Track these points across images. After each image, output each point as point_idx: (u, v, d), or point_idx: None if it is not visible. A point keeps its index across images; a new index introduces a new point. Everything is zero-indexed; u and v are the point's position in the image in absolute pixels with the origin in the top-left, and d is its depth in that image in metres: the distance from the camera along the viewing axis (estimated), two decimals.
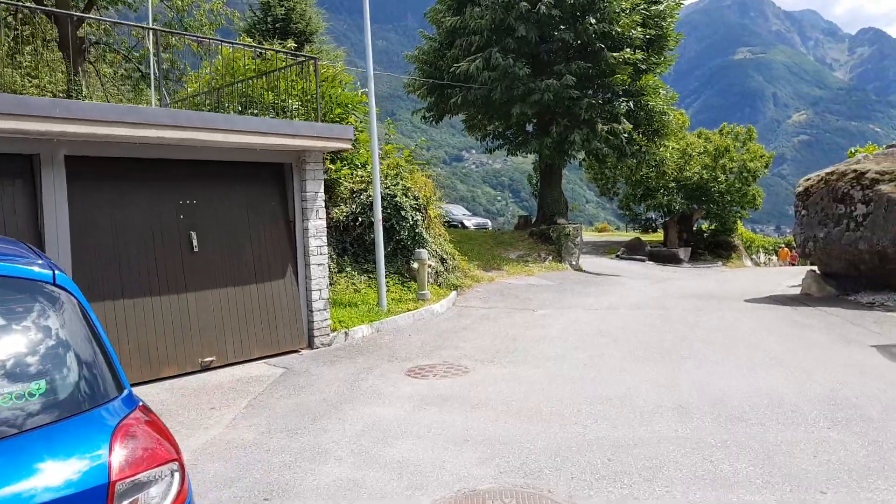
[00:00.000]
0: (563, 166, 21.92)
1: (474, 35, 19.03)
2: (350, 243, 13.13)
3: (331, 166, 13.07)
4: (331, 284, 12.59)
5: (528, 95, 18.78)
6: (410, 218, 13.22)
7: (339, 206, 13.27)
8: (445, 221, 32.58)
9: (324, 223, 9.19)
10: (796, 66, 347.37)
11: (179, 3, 21.00)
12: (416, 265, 12.13)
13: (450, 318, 11.32)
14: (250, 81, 10.40)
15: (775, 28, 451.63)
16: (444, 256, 14.22)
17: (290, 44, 26.67)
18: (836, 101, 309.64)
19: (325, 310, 9.19)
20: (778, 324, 10.30)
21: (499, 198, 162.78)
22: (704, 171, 28.36)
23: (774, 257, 38.07)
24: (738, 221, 31.93)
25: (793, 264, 37.56)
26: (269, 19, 27.24)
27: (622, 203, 31.98)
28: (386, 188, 13.46)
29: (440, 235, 14.69)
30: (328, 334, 9.21)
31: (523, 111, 18.93)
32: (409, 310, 11.30)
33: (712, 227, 31.10)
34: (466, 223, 34.39)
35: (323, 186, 9.18)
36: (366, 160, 14.46)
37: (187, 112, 7.64)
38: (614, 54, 18.92)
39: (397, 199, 13.23)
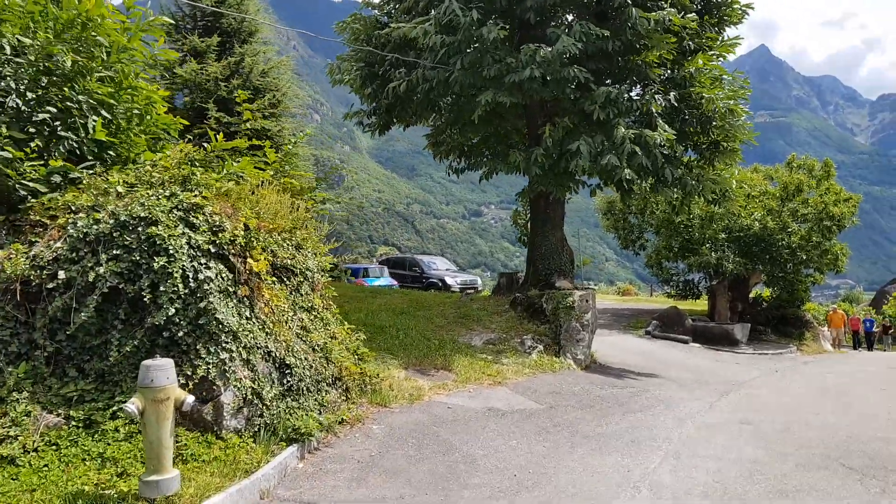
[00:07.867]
0: (564, 196, 13.99)
1: None
2: (48, 333, 5.48)
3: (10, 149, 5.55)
4: None
5: (503, 76, 11.30)
6: (192, 275, 5.59)
7: (32, 236, 5.71)
8: (398, 273, 25.01)
9: None
10: (817, 131, 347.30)
11: None
12: (134, 406, 4.39)
13: None
14: None
15: (795, 93, 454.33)
16: (290, 361, 6.47)
17: (214, 40, 19.96)
18: (859, 165, 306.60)
19: None
20: None
21: (517, 254, 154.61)
22: (769, 218, 20.27)
23: (825, 328, 28.60)
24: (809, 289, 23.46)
25: (855, 331, 28.36)
26: (198, 14, 20.94)
27: (651, 259, 23.85)
28: (142, 205, 5.89)
29: (303, 308, 6.96)
30: None
31: (497, 100, 11.37)
32: None
33: (774, 294, 22.76)
34: (449, 281, 26.85)
35: None
36: (136, 152, 7.00)
37: None
38: (648, 15, 11.50)
39: (158, 231, 5.65)
